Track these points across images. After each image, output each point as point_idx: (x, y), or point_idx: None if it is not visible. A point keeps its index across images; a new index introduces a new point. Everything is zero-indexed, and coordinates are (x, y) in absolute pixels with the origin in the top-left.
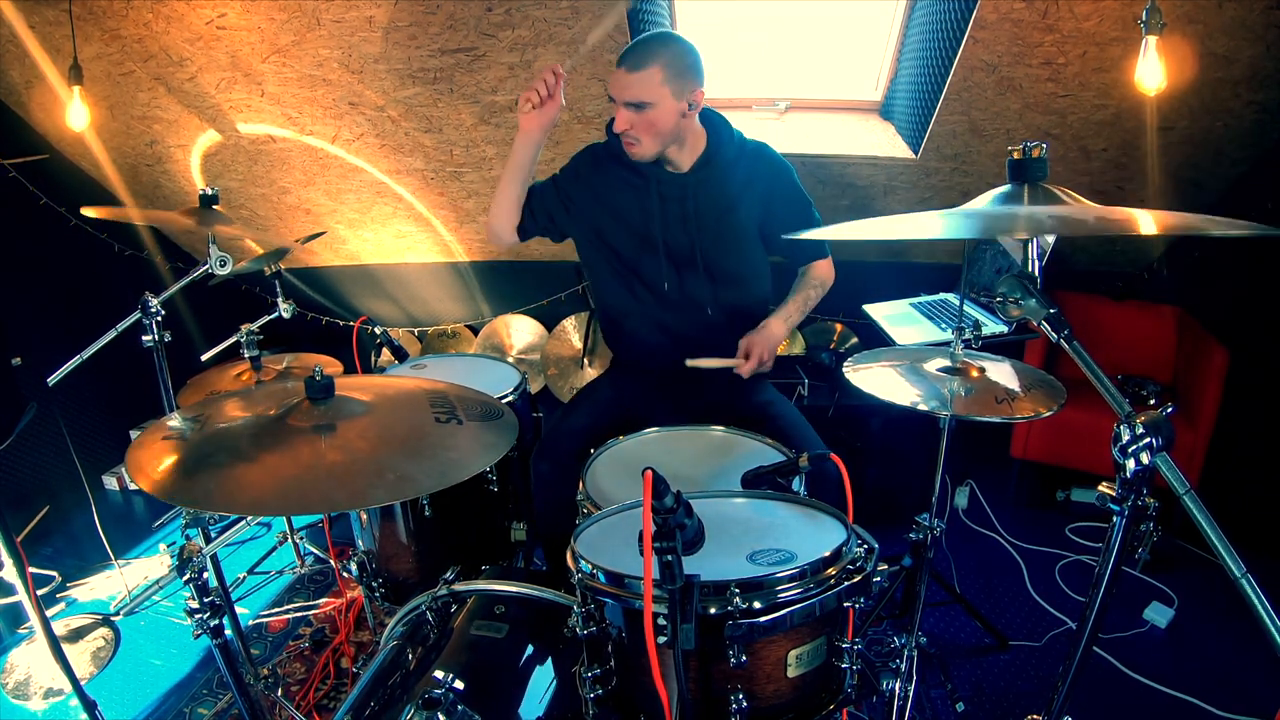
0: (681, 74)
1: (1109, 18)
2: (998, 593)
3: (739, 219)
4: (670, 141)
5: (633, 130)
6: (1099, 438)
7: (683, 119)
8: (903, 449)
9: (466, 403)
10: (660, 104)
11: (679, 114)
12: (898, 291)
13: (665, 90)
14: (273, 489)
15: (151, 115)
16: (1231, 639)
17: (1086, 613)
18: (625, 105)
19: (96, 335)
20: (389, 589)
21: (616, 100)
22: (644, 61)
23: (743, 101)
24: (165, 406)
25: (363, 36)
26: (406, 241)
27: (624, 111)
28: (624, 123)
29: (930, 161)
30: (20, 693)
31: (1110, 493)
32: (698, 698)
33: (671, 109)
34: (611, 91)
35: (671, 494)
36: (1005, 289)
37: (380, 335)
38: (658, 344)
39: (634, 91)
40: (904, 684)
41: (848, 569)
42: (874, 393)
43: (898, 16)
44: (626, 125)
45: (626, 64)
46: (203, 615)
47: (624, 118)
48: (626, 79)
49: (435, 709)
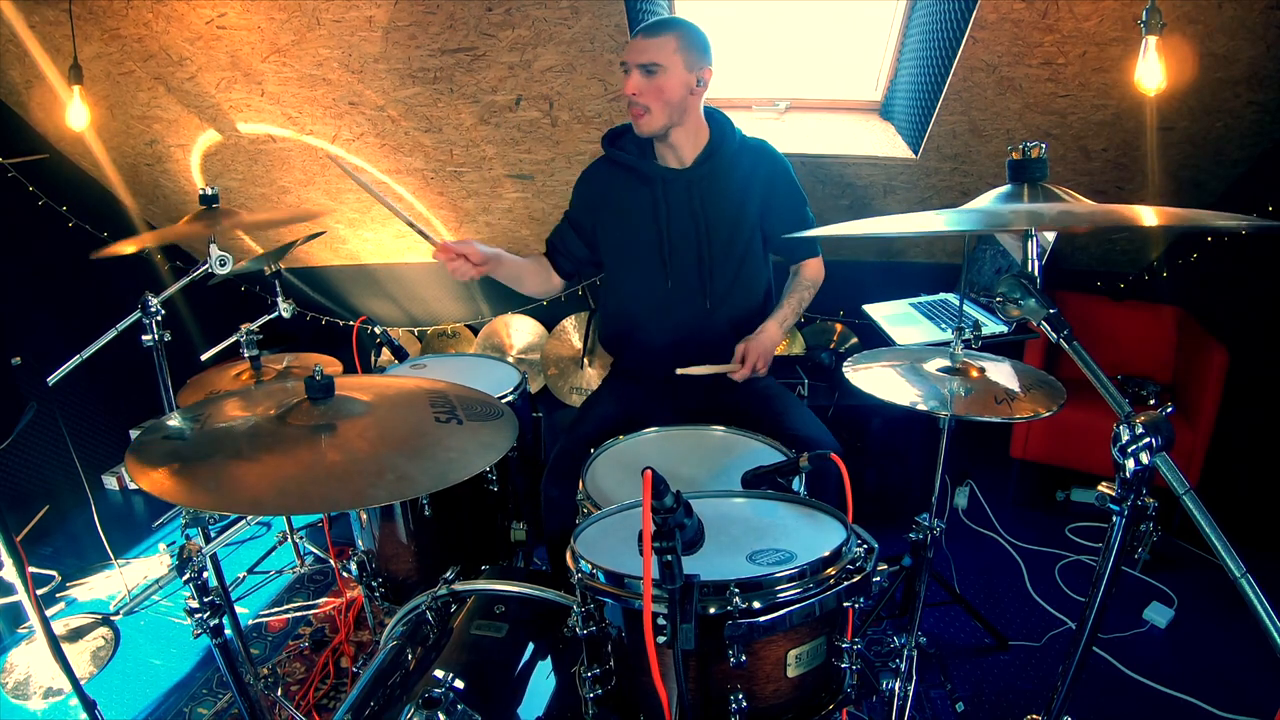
0: (693, 47)
1: (1109, 18)
2: (998, 593)
3: (741, 215)
4: (676, 116)
5: (641, 97)
6: (1099, 438)
7: (690, 95)
8: (903, 449)
9: (466, 403)
10: (672, 70)
11: (687, 87)
12: (898, 291)
13: (678, 59)
14: (272, 489)
15: (151, 115)
16: (1231, 639)
17: (1086, 613)
18: (638, 68)
19: (96, 335)
20: (389, 589)
21: (630, 64)
22: (660, 29)
23: (743, 101)
24: (165, 406)
25: (363, 36)
26: (406, 241)
27: (635, 75)
28: (634, 86)
29: (930, 161)
30: (20, 692)
31: (1110, 493)
32: (697, 698)
33: (681, 79)
34: (626, 57)
35: (671, 494)
36: (1005, 289)
37: (380, 335)
38: (661, 347)
39: (649, 54)
40: (904, 684)
41: (847, 569)
42: (874, 393)
43: (898, 16)
44: (635, 89)
45: (644, 31)
46: (203, 615)
47: (635, 81)
48: (643, 43)
49: (435, 708)
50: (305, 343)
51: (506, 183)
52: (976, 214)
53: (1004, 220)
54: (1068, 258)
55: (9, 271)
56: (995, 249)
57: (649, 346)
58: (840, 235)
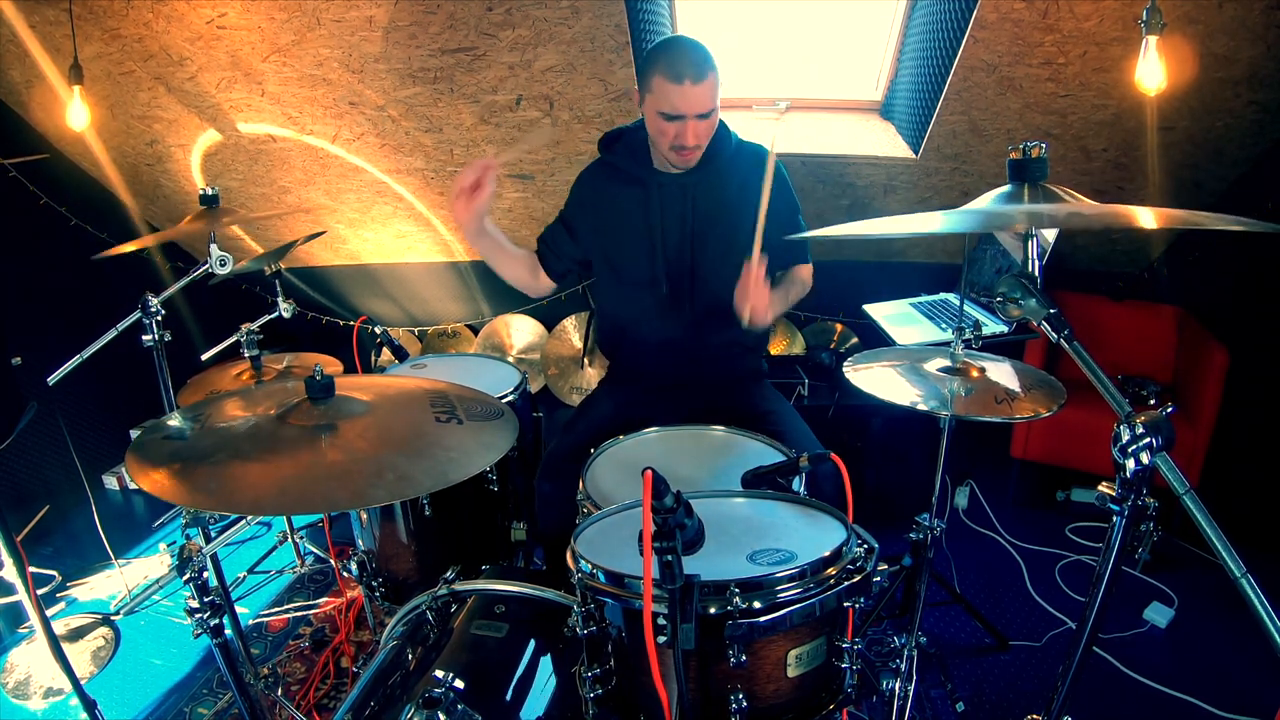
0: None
1: (1109, 18)
2: (998, 593)
3: (737, 219)
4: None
5: (702, 141)
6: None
7: None
8: (903, 449)
9: (466, 402)
10: (718, 108)
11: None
12: (898, 291)
13: (718, 93)
14: (273, 488)
15: (151, 115)
16: (1231, 639)
17: (1086, 613)
18: (695, 118)
19: (96, 335)
20: (389, 588)
21: (686, 115)
22: (705, 71)
23: (743, 101)
24: (165, 406)
25: (363, 36)
26: (406, 241)
27: (694, 124)
28: (696, 136)
29: (930, 161)
30: (20, 692)
31: (1110, 493)
32: (697, 698)
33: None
34: (677, 107)
35: (671, 494)
36: (1005, 289)
37: (380, 335)
38: (657, 351)
39: (706, 102)
40: (904, 684)
41: (848, 569)
42: (874, 393)
43: (898, 16)
44: (698, 139)
45: (691, 76)
46: (203, 615)
47: (695, 131)
48: (697, 91)
49: (435, 708)
50: (305, 343)
51: (506, 183)
52: (976, 214)
53: (1004, 220)
54: (1068, 258)
55: (9, 271)
56: (995, 249)
57: (643, 350)
58: (840, 235)
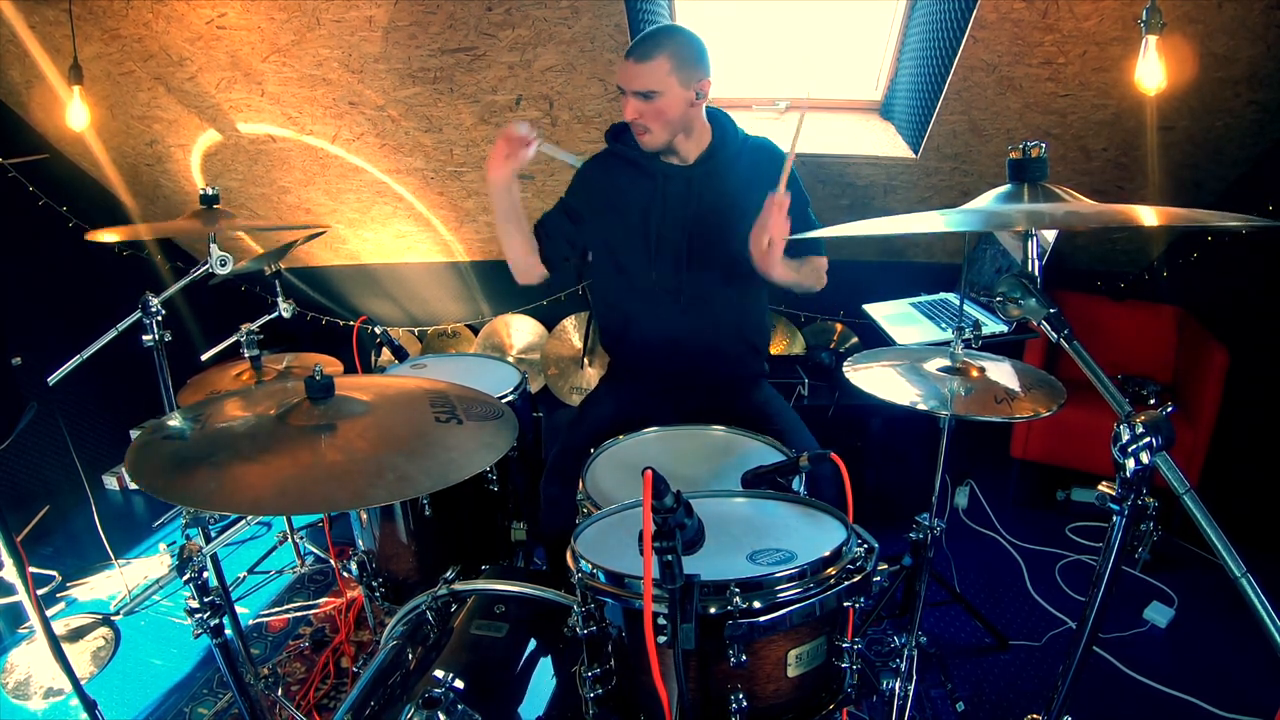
0: (687, 64)
1: (1109, 17)
2: (998, 592)
3: (742, 213)
4: (679, 130)
5: (642, 119)
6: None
7: (690, 108)
8: (903, 449)
9: (466, 403)
10: (668, 93)
11: (686, 103)
12: (898, 291)
13: (672, 80)
14: (273, 489)
15: (151, 115)
16: (1231, 639)
17: (1086, 612)
18: (634, 95)
19: (96, 335)
20: (389, 589)
21: (625, 90)
22: (651, 52)
23: (743, 101)
24: (165, 406)
25: (363, 36)
26: (406, 241)
27: (633, 100)
28: (633, 111)
29: (930, 161)
30: (20, 692)
31: (1110, 492)
32: (698, 698)
33: (679, 97)
34: (620, 82)
35: (671, 494)
36: (1005, 289)
37: (380, 335)
38: (659, 345)
39: (642, 81)
40: (904, 684)
41: (848, 569)
42: (874, 392)
43: (898, 16)
44: (635, 114)
45: (634, 55)
46: (203, 615)
47: (633, 106)
48: (635, 69)
49: (435, 708)
50: (305, 343)
51: None
52: (976, 214)
53: (1004, 220)
54: (1068, 257)
55: (9, 271)
56: (995, 249)
57: (642, 342)
58: (840, 235)
